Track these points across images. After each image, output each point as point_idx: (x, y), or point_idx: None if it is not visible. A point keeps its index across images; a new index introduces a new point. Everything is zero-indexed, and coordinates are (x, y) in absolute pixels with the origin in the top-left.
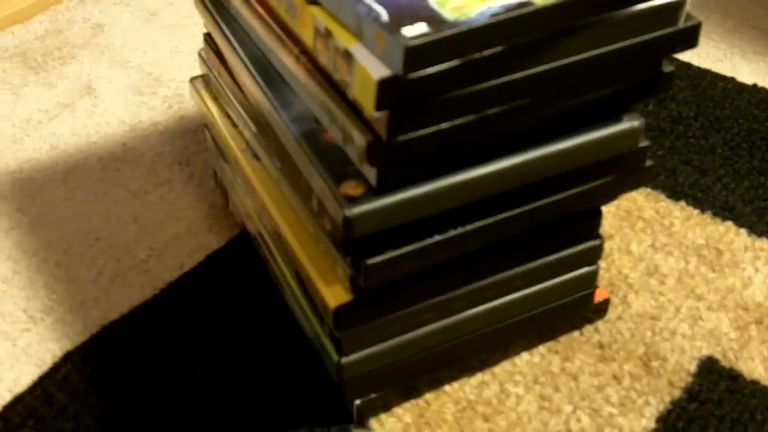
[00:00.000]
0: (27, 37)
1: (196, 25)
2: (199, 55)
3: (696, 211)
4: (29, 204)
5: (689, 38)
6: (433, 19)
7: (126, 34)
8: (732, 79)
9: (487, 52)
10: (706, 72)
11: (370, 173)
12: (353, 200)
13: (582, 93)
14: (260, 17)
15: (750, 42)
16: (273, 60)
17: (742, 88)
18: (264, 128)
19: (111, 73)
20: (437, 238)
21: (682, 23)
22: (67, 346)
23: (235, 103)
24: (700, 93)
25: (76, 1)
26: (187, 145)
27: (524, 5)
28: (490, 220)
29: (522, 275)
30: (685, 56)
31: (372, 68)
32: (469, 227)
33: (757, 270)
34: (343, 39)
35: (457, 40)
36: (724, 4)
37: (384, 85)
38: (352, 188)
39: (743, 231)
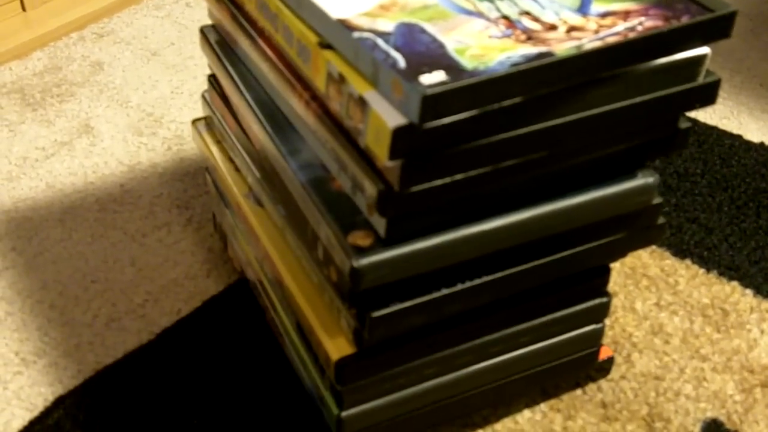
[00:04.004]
0: (25, 73)
1: (197, 65)
2: (203, 96)
3: (701, 270)
4: (24, 244)
5: (708, 94)
6: (452, 67)
7: (126, 73)
8: (739, 137)
9: (505, 103)
10: (713, 129)
11: (379, 223)
12: (361, 251)
13: (599, 147)
14: (269, 60)
15: (758, 100)
16: (281, 104)
17: (749, 146)
18: (269, 174)
19: (110, 112)
20: (445, 291)
21: (701, 79)
22: (60, 390)
23: (239, 147)
24: (707, 150)
25: (75, 38)
26: (187, 188)
27: (545, 56)
28: (500, 274)
29: (528, 331)
30: (691, 112)
31: (387, 116)
32: (478, 281)
33: (762, 332)
34: (358, 85)
35: (476, 89)
36: (732, 60)
37: (399, 134)
38: (360, 238)
39: (749, 291)
